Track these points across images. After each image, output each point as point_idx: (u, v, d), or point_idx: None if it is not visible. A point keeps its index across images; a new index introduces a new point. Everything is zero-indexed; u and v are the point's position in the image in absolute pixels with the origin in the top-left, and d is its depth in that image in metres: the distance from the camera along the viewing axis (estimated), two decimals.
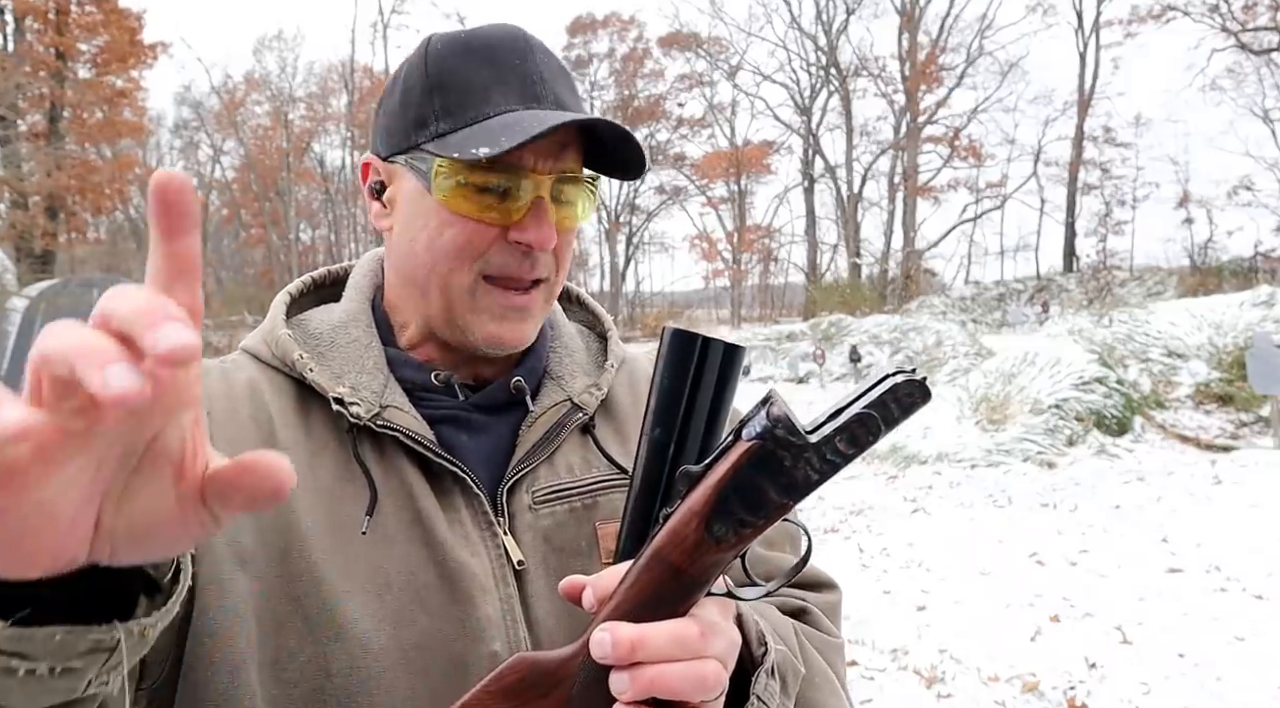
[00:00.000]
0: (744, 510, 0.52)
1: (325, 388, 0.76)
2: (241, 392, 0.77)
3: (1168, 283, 24.86)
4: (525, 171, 0.74)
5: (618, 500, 0.81)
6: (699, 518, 0.52)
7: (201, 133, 42.02)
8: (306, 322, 0.84)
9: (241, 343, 0.85)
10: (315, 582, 0.69)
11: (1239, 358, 10.04)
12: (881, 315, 22.75)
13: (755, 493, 0.51)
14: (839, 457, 0.50)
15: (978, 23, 41.29)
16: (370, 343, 0.81)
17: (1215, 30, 29.45)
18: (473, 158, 0.70)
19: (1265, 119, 30.98)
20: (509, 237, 0.75)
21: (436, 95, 0.75)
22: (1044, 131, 39.11)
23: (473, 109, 0.74)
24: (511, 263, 0.76)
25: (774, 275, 46.53)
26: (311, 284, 0.91)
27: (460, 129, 0.73)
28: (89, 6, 22.77)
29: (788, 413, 0.51)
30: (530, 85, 0.75)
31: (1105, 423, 9.22)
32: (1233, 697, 3.56)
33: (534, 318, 0.80)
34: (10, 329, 14.58)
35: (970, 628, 4.43)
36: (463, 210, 0.74)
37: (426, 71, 0.76)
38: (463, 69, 0.75)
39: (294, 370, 0.78)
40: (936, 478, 8.41)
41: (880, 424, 0.50)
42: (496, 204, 0.74)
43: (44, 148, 20.81)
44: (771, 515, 0.52)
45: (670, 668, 0.53)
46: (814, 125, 39.39)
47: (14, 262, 18.91)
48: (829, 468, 0.51)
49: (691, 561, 0.52)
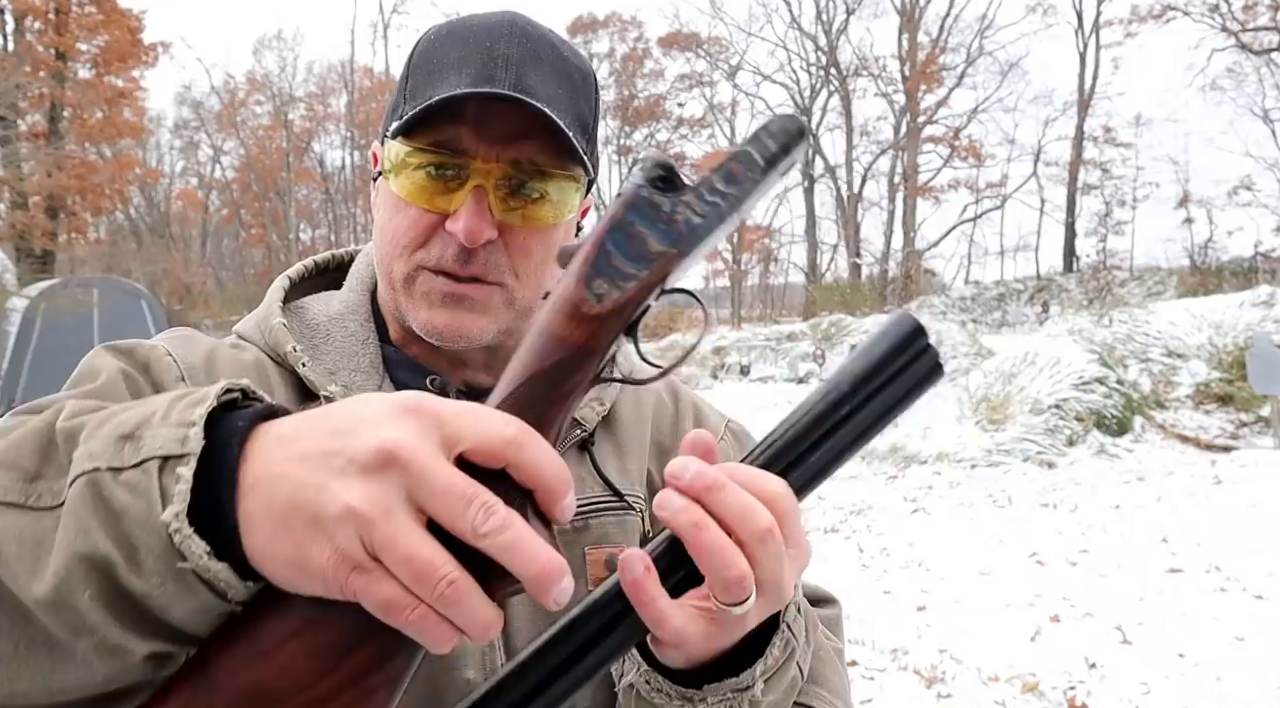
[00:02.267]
0: (624, 261, 0.48)
1: (317, 385, 0.72)
2: (249, 369, 0.74)
3: (1168, 283, 24.83)
4: (468, 158, 0.69)
5: (609, 525, 0.77)
6: (578, 278, 0.48)
7: (201, 133, 42.00)
8: (304, 310, 0.81)
9: (236, 327, 0.81)
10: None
11: (1239, 358, 10.04)
12: (881, 315, 22.73)
13: (635, 241, 0.48)
14: (719, 197, 0.48)
15: (978, 23, 41.27)
16: (367, 338, 0.77)
17: (1215, 30, 29.44)
18: (392, 134, 0.69)
19: (1265, 119, 30.95)
20: (446, 226, 0.71)
21: (410, 79, 0.73)
22: (1044, 131, 39.09)
23: (429, 89, 0.70)
24: (447, 255, 0.71)
25: (774, 275, 46.54)
26: (314, 268, 0.87)
27: (416, 111, 0.70)
28: (89, 7, 22.78)
29: (664, 158, 0.49)
30: (487, 66, 0.69)
31: (1105, 423, 9.22)
32: (1233, 697, 3.56)
33: (483, 311, 0.73)
34: (10, 329, 14.58)
35: (970, 628, 4.43)
36: (411, 196, 0.71)
37: (412, 54, 0.74)
38: (435, 52, 0.72)
39: (285, 362, 0.74)
40: (936, 478, 8.40)
41: (755, 157, 0.48)
42: (440, 191, 0.70)
43: (44, 148, 20.81)
44: (655, 267, 0.48)
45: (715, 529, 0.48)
46: (814, 125, 39.38)
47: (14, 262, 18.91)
48: (709, 210, 0.48)
49: (575, 324, 0.48)
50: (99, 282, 16.64)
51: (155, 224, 39.07)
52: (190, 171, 43.87)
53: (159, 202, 40.70)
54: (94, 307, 15.31)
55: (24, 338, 14.38)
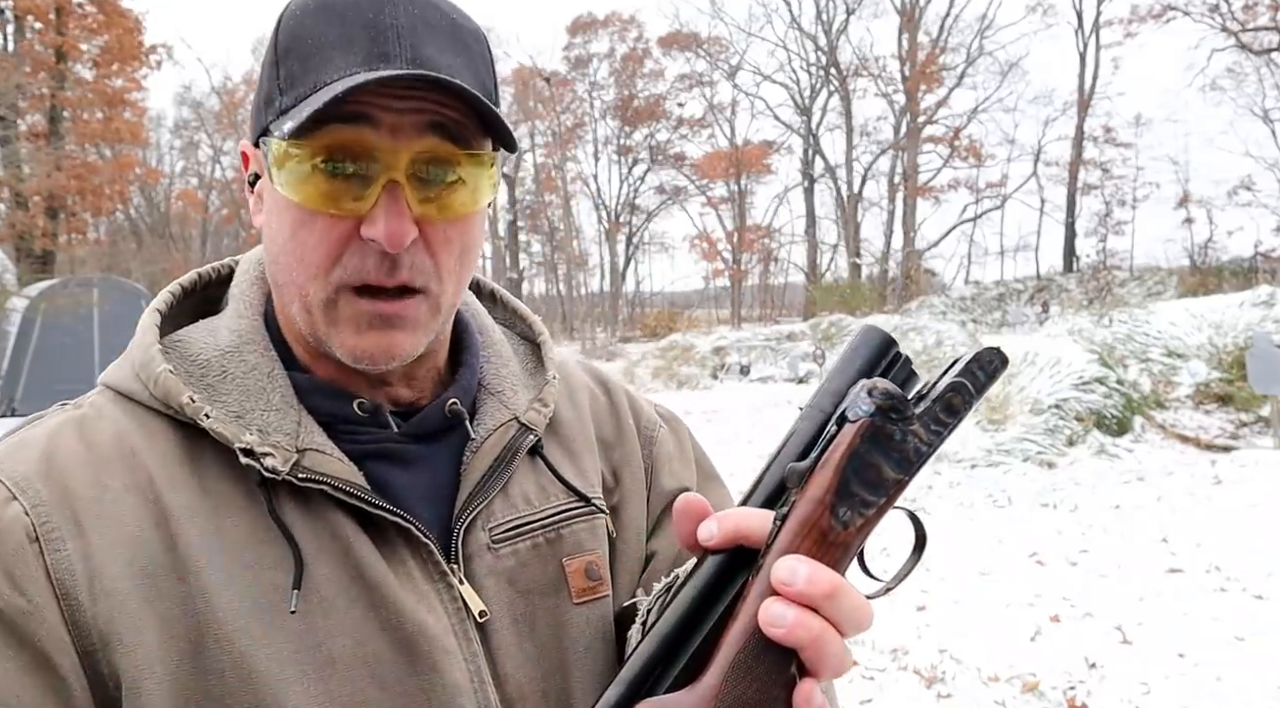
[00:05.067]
0: (865, 490, 0.51)
1: (229, 438, 0.61)
2: (108, 452, 0.62)
3: (1168, 283, 24.84)
4: (374, 151, 0.59)
5: (581, 532, 0.73)
6: (822, 506, 0.51)
7: (201, 133, 42.03)
8: (185, 345, 0.68)
9: (103, 376, 0.68)
10: (242, 676, 0.57)
11: (1239, 358, 10.03)
12: (881, 315, 22.74)
13: (873, 471, 0.52)
14: (940, 426, 0.53)
15: (978, 23, 41.33)
16: (272, 371, 0.66)
17: (1215, 30, 29.43)
18: (283, 136, 0.58)
19: (1265, 119, 30.96)
20: (361, 233, 0.60)
21: (282, 65, 0.62)
22: (1044, 131, 39.19)
23: (312, 75, 0.60)
24: (368, 267, 0.61)
25: (774, 275, 46.57)
26: (181, 293, 0.73)
27: (298, 104, 0.60)
28: (89, 7, 22.77)
29: (893, 389, 0.52)
30: (378, 42, 0.59)
31: (1105, 423, 9.22)
32: (1233, 697, 3.56)
33: (413, 328, 0.64)
34: (10, 329, 14.58)
35: (970, 628, 4.43)
36: (310, 202, 0.60)
37: (277, 39, 0.63)
38: (309, 30, 0.61)
39: (182, 415, 0.63)
40: (936, 478, 8.40)
41: (971, 389, 0.53)
42: (346, 193, 0.60)
43: (44, 148, 20.80)
44: (891, 493, 0.52)
45: (834, 635, 0.50)
46: (814, 125, 39.38)
47: (14, 262, 18.91)
48: (934, 437, 0.53)
49: (823, 551, 0.51)
50: (99, 282, 16.62)
51: (155, 224, 39.09)
52: (190, 172, 43.94)
53: (159, 202, 40.72)
54: (94, 307, 15.29)
55: (24, 338, 14.38)
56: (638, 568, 0.77)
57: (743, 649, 0.50)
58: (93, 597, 0.57)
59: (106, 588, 0.57)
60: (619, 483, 0.80)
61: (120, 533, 0.59)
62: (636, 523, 0.79)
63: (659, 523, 0.80)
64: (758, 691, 0.49)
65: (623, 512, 0.78)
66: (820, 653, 0.49)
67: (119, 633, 0.57)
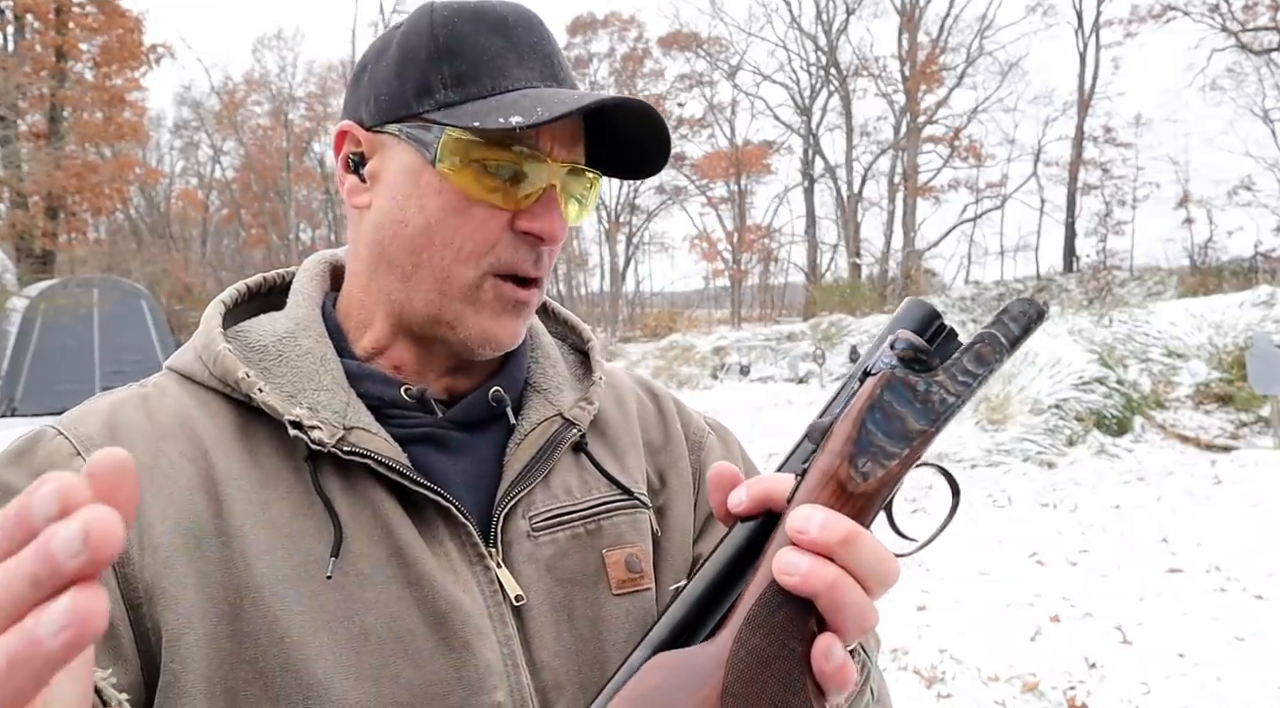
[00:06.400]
0: (887, 441, 0.50)
1: (279, 411, 0.65)
2: (169, 425, 0.66)
3: (1168, 283, 24.82)
4: (541, 156, 0.67)
5: (623, 525, 0.73)
6: (841, 457, 0.50)
7: (201, 133, 42.01)
8: (246, 333, 0.72)
9: (168, 361, 0.73)
10: (276, 639, 0.59)
11: (1239, 358, 10.04)
12: (881, 315, 22.73)
13: (895, 421, 0.50)
14: (969, 377, 0.51)
15: (978, 23, 41.31)
16: (325, 354, 0.70)
17: (1215, 30, 29.42)
18: (501, 127, 0.63)
19: (1265, 119, 30.93)
20: (516, 226, 0.67)
21: (445, 62, 0.67)
22: (1044, 131, 39.18)
23: (489, 80, 0.66)
24: (520, 258, 0.68)
25: (774, 275, 46.51)
26: (248, 292, 0.78)
27: (474, 101, 0.66)
28: (89, 7, 22.77)
29: (916, 339, 0.51)
30: (550, 65, 0.69)
31: (1105, 423, 9.22)
32: (1233, 697, 3.56)
33: (528, 316, 0.72)
34: (10, 329, 14.59)
35: (970, 628, 4.43)
36: (470, 191, 0.66)
37: (434, 36, 0.67)
38: (476, 37, 0.67)
39: (238, 391, 0.67)
40: (937, 478, 8.39)
41: (1002, 340, 0.51)
42: (503, 188, 0.66)
43: (44, 147, 20.80)
44: (915, 445, 0.51)
45: (852, 584, 0.48)
46: (814, 125, 39.36)
47: (14, 262, 18.93)
48: (962, 388, 0.51)
49: (842, 503, 0.50)
50: (99, 282, 16.63)
51: (155, 224, 39.07)
52: (190, 171, 43.91)
53: (159, 202, 40.70)
54: (94, 307, 15.30)
55: (24, 338, 14.39)
56: (684, 569, 0.77)
57: (759, 601, 0.49)
58: (141, 551, 0.60)
59: (155, 543, 0.61)
60: (665, 485, 0.81)
61: (172, 495, 0.63)
62: (683, 523, 0.79)
63: (705, 528, 0.80)
64: (773, 643, 0.48)
65: (669, 512, 0.79)
66: (837, 603, 0.47)
67: (164, 588, 0.60)
